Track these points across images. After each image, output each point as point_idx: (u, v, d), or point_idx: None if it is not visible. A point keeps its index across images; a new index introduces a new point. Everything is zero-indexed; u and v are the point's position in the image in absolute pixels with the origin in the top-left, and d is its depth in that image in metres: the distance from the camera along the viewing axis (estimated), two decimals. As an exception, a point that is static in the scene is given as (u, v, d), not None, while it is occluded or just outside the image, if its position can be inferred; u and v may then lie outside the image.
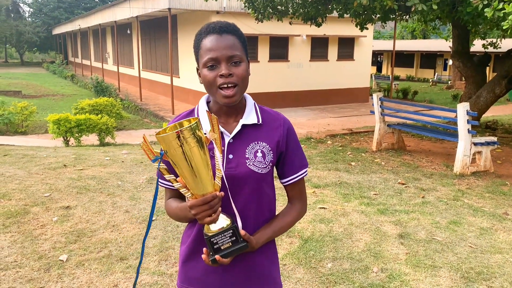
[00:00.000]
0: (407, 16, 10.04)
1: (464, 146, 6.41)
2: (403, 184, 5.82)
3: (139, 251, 3.54)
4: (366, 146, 8.51)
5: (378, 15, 8.66)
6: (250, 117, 1.42)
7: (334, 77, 16.79)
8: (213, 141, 1.24)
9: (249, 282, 1.44)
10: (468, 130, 6.37)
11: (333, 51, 16.77)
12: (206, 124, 1.34)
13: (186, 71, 16.17)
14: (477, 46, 14.93)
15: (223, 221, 1.30)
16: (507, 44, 15.35)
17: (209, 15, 14.17)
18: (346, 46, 17.01)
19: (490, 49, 13.56)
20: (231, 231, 1.30)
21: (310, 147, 8.37)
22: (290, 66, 15.93)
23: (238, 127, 1.40)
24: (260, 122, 1.43)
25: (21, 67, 42.85)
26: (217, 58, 1.32)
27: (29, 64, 49.92)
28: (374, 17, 9.01)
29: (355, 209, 4.71)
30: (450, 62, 26.25)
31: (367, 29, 9.90)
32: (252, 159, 1.39)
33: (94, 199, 4.70)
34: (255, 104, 1.48)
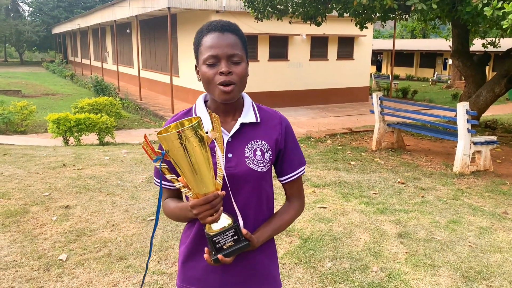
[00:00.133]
0: (407, 15, 10.03)
1: (463, 145, 6.41)
2: (403, 183, 5.82)
3: (139, 251, 3.54)
4: (365, 146, 8.51)
5: (377, 15, 8.65)
6: (248, 115, 1.42)
7: (334, 76, 16.79)
8: (214, 140, 1.24)
9: (249, 281, 1.45)
10: (467, 129, 6.37)
11: (332, 51, 16.77)
12: (207, 123, 1.34)
13: (186, 71, 16.16)
14: (476, 45, 14.93)
15: (225, 220, 1.30)
16: (507, 43, 15.35)
17: (208, 14, 14.17)
18: (346, 46, 17.01)
19: (490, 48, 13.56)
20: (233, 230, 1.30)
21: (310, 147, 8.37)
22: (289, 65, 15.93)
23: (236, 126, 1.39)
24: (258, 120, 1.43)
25: (20, 67, 42.82)
26: (217, 56, 1.32)
27: (28, 63, 49.89)
28: (373, 16, 9.00)
29: (355, 208, 4.71)
30: (450, 62, 26.24)
31: (367, 28, 9.89)
32: (251, 158, 1.39)
33: (94, 199, 4.70)
34: (253, 103, 1.48)
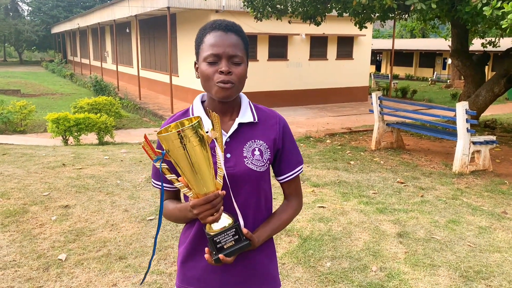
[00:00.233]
0: (406, 15, 10.03)
1: (463, 145, 6.41)
2: (402, 183, 5.82)
3: (138, 250, 3.54)
4: (365, 145, 8.51)
5: (377, 14, 8.65)
6: (246, 115, 1.42)
7: (333, 76, 16.79)
8: (214, 139, 1.24)
9: (248, 281, 1.45)
10: (467, 129, 6.37)
11: (332, 50, 16.77)
12: (207, 123, 1.34)
13: (185, 70, 16.15)
14: (476, 45, 14.94)
15: (225, 220, 1.30)
16: (506, 43, 15.36)
17: (208, 14, 14.16)
18: (345, 45, 17.00)
19: (489, 48, 13.56)
20: (234, 230, 1.29)
21: (309, 146, 8.37)
22: (289, 65, 15.92)
23: (234, 126, 1.40)
24: (256, 120, 1.43)
25: (20, 66, 42.78)
26: (219, 55, 1.32)
27: (28, 63, 49.85)
28: (373, 16, 9.00)
29: (354, 208, 4.71)
30: (449, 61, 26.24)
31: (366, 28, 9.89)
32: (250, 158, 1.39)
33: (93, 198, 4.69)
34: (250, 102, 1.48)
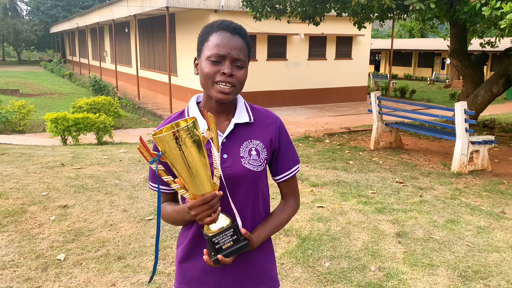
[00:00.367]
0: (405, 15, 10.04)
1: (461, 145, 6.42)
2: (401, 183, 5.83)
3: (137, 250, 3.54)
4: (364, 145, 8.51)
5: (376, 14, 8.65)
6: (242, 116, 1.43)
7: (332, 76, 16.80)
8: (210, 140, 1.24)
9: (247, 281, 1.45)
10: (465, 129, 6.38)
11: (331, 50, 16.78)
12: (202, 123, 1.34)
13: (184, 70, 16.15)
14: (475, 45, 14.95)
15: (223, 220, 1.29)
16: (505, 43, 15.38)
17: (207, 14, 14.15)
18: (344, 45, 17.01)
19: (488, 48, 13.58)
20: (232, 230, 1.29)
21: (308, 146, 8.38)
22: (288, 65, 15.93)
23: (231, 126, 1.40)
24: (252, 120, 1.44)
25: (18, 66, 42.73)
26: (224, 56, 1.33)
27: (26, 62, 49.78)
28: (372, 16, 9.00)
29: (353, 208, 4.71)
30: (448, 61, 26.25)
31: (365, 28, 9.90)
32: (247, 158, 1.39)
33: (92, 198, 4.69)
34: (245, 102, 1.48)
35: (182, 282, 1.48)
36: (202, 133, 1.21)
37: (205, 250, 1.32)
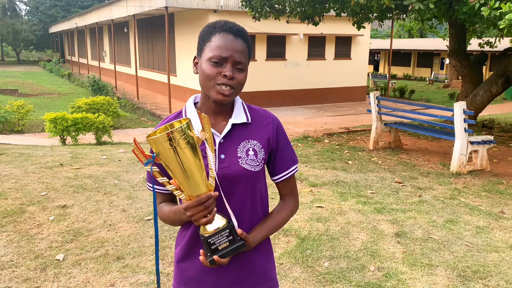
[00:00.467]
0: (404, 15, 10.05)
1: (460, 145, 6.42)
2: (400, 183, 5.83)
3: (136, 250, 3.53)
4: (363, 145, 8.52)
5: (375, 14, 8.66)
6: (239, 116, 1.42)
7: (331, 76, 16.81)
8: (205, 141, 1.24)
9: (245, 281, 1.44)
10: (464, 129, 6.39)
11: (330, 50, 16.78)
12: (197, 124, 1.33)
13: (183, 70, 16.14)
14: (474, 45, 14.97)
15: (219, 221, 1.29)
16: (504, 43, 15.40)
17: (206, 14, 14.15)
18: (343, 45, 17.02)
19: (487, 48, 13.59)
20: (228, 231, 1.29)
21: (307, 146, 8.38)
22: (287, 65, 15.93)
23: (228, 127, 1.40)
24: (249, 120, 1.44)
25: (17, 66, 42.69)
26: (226, 58, 1.32)
27: (25, 62, 49.74)
28: (371, 16, 9.01)
29: (352, 208, 4.71)
30: (447, 61, 26.30)
31: (364, 28, 9.90)
32: (244, 158, 1.39)
33: (91, 198, 4.69)
34: (243, 103, 1.48)
35: (180, 282, 1.48)
36: (196, 134, 1.21)
37: (201, 251, 1.32)
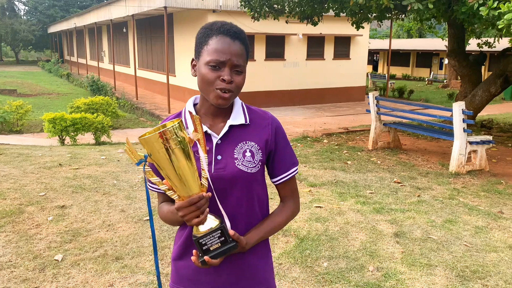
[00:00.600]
0: (403, 15, 10.06)
1: (459, 145, 6.43)
2: (399, 183, 5.83)
3: (135, 251, 3.53)
4: (362, 145, 8.52)
5: (374, 14, 8.67)
6: (238, 117, 1.42)
7: (330, 76, 16.82)
8: (197, 141, 1.23)
9: (241, 282, 1.44)
10: (463, 129, 6.39)
11: (329, 50, 16.79)
12: (191, 125, 1.33)
13: (182, 70, 16.13)
14: (472, 45, 14.98)
15: (212, 221, 1.28)
16: (503, 43, 15.41)
17: (205, 14, 14.15)
18: (342, 45, 17.03)
19: (486, 48, 13.60)
20: (220, 232, 1.28)
21: (306, 146, 8.38)
22: (286, 65, 15.93)
23: (225, 128, 1.39)
24: (247, 122, 1.43)
25: (16, 66, 42.63)
26: (224, 62, 1.31)
27: (24, 62, 49.68)
28: (370, 16, 9.02)
29: (351, 208, 4.72)
30: (446, 61, 26.32)
31: (363, 28, 9.91)
32: (241, 159, 1.38)
33: (90, 199, 4.68)
34: (243, 104, 1.47)
35: (176, 282, 1.48)
36: (189, 135, 1.21)
37: (194, 251, 1.31)
